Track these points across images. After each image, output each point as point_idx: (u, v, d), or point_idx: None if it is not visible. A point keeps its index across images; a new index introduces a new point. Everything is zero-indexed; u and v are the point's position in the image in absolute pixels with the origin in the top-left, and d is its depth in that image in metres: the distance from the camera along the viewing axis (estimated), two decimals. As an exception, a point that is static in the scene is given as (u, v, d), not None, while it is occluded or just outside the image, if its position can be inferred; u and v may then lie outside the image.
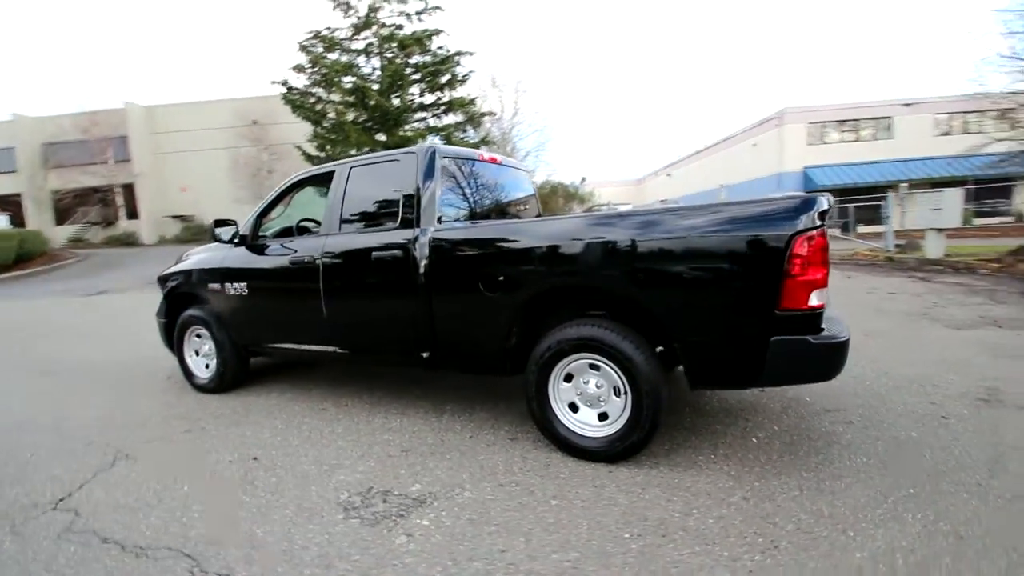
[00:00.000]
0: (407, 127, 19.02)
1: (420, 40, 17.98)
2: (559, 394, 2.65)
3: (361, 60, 18.77)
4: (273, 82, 18.29)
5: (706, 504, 2.16)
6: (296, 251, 3.49)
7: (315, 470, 2.68)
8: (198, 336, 4.15)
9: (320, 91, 18.48)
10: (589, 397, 2.58)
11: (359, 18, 18.47)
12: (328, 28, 18.46)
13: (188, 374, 4.20)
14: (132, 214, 28.83)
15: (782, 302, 2.08)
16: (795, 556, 1.81)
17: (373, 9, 18.22)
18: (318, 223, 4.20)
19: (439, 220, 3.00)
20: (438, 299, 2.91)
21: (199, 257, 4.18)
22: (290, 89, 18.45)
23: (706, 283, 2.23)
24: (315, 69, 18.01)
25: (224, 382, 4.01)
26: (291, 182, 3.75)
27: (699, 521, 2.05)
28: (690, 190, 35.47)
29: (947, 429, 2.78)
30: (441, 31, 18.30)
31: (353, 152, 18.29)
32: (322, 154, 18.55)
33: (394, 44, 18.29)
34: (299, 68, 17.90)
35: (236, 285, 3.73)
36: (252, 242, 3.72)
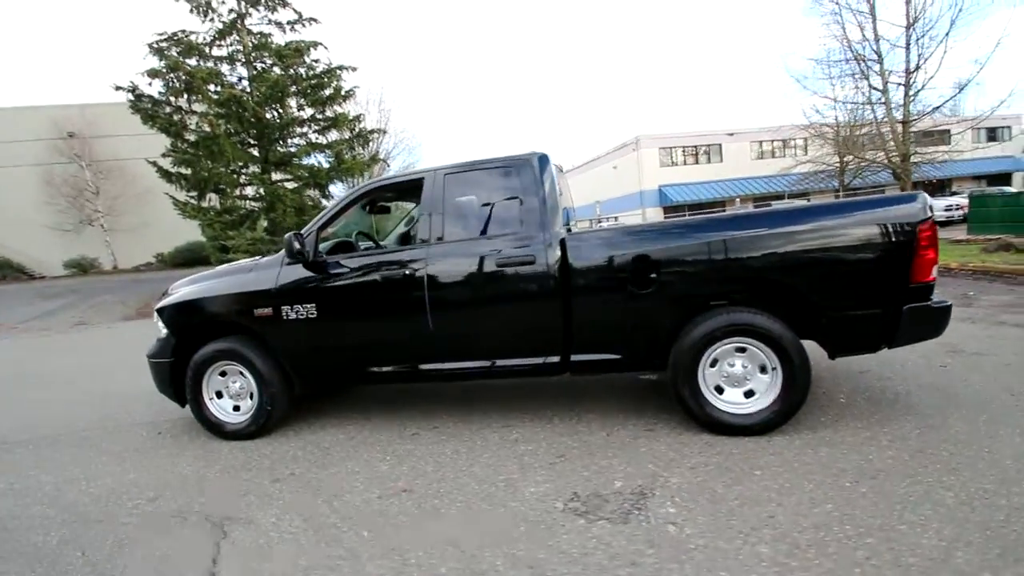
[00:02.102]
0: (290, 142, 17.65)
1: (299, 51, 16.92)
2: (707, 378, 2.89)
3: (225, 68, 17.01)
4: (118, 88, 15.60)
5: (871, 450, 2.58)
6: (384, 264, 3.21)
7: (493, 489, 2.54)
8: (222, 374, 3.52)
9: (181, 100, 16.23)
10: (735, 378, 2.87)
11: (223, 23, 16.79)
12: (183, 31, 16.42)
13: (209, 421, 3.53)
14: None
15: (913, 277, 2.61)
16: (974, 469, 2.30)
17: (240, 16, 16.69)
18: (368, 236, 3.91)
19: (566, 224, 3.05)
20: (578, 301, 2.96)
21: (223, 281, 3.55)
22: (139, 97, 15.92)
23: (856, 266, 2.68)
24: (173, 75, 15.79)
25: (269, 423, 3.46)
26: (361, 191, 3.43)
27: (882, 463, 2.45)
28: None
29: (954, 373, 3.64)
30: (319, 43, 17.45)
31: (223, 170, 16.38)
32: (186, 170, 16.25)
33: (266, 54, 16.99)
34: (154, 73, 15.51)
35: (299, 308, 3.27)
36: (315, 258, 3.31)
